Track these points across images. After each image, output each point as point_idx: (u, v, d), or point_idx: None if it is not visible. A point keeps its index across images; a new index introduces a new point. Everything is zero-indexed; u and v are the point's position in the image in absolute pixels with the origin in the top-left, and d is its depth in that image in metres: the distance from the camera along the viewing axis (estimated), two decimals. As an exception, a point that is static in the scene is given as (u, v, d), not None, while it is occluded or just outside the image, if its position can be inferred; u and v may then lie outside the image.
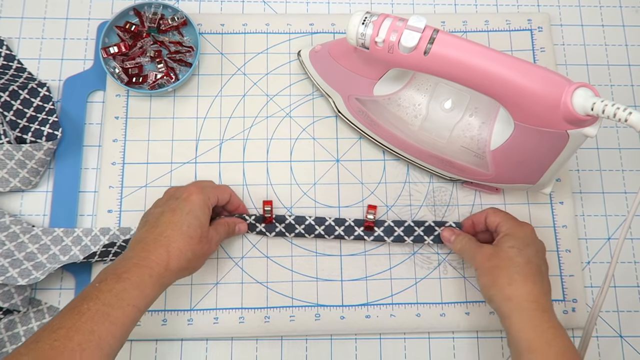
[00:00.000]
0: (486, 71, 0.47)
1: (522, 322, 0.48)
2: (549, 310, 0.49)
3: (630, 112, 0.42)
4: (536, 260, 0.52)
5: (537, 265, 0.51)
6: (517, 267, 0.50)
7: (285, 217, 0.60)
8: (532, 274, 0.50)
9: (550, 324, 0.48)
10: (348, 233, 0.60)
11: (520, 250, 0.51)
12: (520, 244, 0.52)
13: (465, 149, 0.57)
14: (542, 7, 0.70)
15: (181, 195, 0.52)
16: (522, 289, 0.49)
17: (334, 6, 0.69)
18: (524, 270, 0.50)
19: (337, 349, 0.59)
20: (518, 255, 0.51)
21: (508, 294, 0.50)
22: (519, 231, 0.53)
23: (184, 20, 0.63)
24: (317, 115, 0.65)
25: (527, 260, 0.51)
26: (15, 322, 0.58)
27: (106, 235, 0.59)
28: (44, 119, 0.62)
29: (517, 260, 0.51)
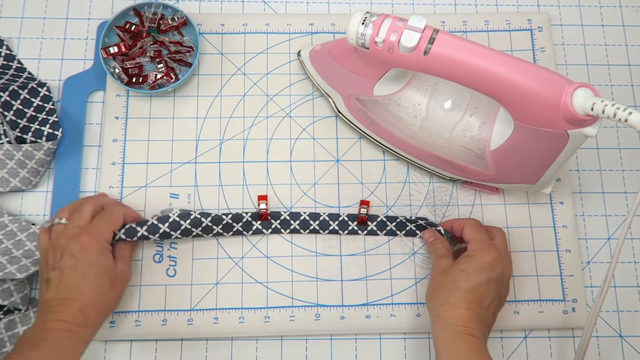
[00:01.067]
0: (486, 71, 0.47)
1: (446, 341, 0.50)
2: (477, 336, 0.49)
3: (630, 112, 0.42)
4: (483, 288, 0.51)
5: (480, 294, 0.51)
6: (456, 291, 0.51)
7: (281, 213, 0.60)
8: (470, 301, 0.51)
9: (471, 347, 0.48)
10: (342, 227, 0.60)
11: (467, 275, 0.51)
12: (472, 269, 0.52)
13: (465, 149, 0.57)
14: (542, 7, 0.70)
15: (75, 250, 0.50)
16: (453, 312, 0.50)
17: (334, 6, 0.69)
18: (463, 296, 0.51)
19: (337, 349, 0.59)
20: (464, 280, 0.51)
21: (439, 313, 0.51)
22: (479, 256, 0.53)
23: (184, 20, 0.63)
24: (317, 115, 0.65)
25: (471, 287, 0.51)
26: (15, 322, 0.58)
27: None
28: (44, 119, 0.62)
29: (461, 285, 0.51)
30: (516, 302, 0.60)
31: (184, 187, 0.62)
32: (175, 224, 0.57)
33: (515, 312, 0.59)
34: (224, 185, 0.62)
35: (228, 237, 0.60)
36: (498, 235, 0.57)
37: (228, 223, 0.59)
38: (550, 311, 0.60)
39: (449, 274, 0.53)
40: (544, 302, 0.60)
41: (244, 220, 0.60)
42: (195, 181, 0.62)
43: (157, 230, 0.56)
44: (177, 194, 0.61)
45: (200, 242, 0.60)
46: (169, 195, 0.61)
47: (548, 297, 0.60)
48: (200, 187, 0.62)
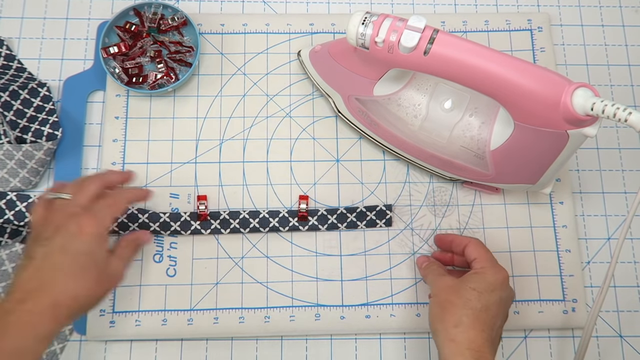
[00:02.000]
0: (486, 71, 0.47)
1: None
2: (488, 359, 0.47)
3: (630, 112, 0.42)
4: (495, 309, 0.49)
5: (493, 315, 0.49)
6: (470, 310, 0.48)
7: (220, 213, 0.60)
8: (483, 322, 0.48)
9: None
10: (282, 224, 0.60)
11: (480, 295, 0.49)
12: (484, 288, 0.50)
13: (465, 149, 0.57)
14: (542, 7, 0.70)
15: (70, 228, 0.44)
16: (467, 334, 0.47)
17: (334, 6, 0.69)
18: (476, 315, 0.48)
19: (337, 349, 0.59)
20: (476, 299, 0.49)
21: (452, 335, 0.48)
22: (490, 274, 0.51)
23: (184, 20, 0.63)
24: (317, 115, 0.65)
25: (484, 307, 0.49)
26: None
27: None
28: (44, 119, 0.62)
29: (473, 304, 0.49)
30: (516, 302, 0.60)
31: (184, 187, 0.62)
32: None
33: (515, 312, 0.59)
34: (224, 185, 0.62)
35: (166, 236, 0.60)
36: None
37: (165, 222, 0.59)
38: (550, 311, 0.60)
39: (459, 292, 0.50)
40: (544, 302, 0.60)
41: (182, 220, 0.59)
42: (195, 181, 0.62)
43: None
44: (177, 194, 0.61)
45: (201, 242, 0.60)
46: (169, 195, 0.61)
47: (548, 297, 0.60)
48: (200, 187, 0.62)
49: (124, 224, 0.58)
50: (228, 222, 0.60)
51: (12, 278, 0.44)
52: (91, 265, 0.45)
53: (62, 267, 0.43)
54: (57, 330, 0.43)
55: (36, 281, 0.43)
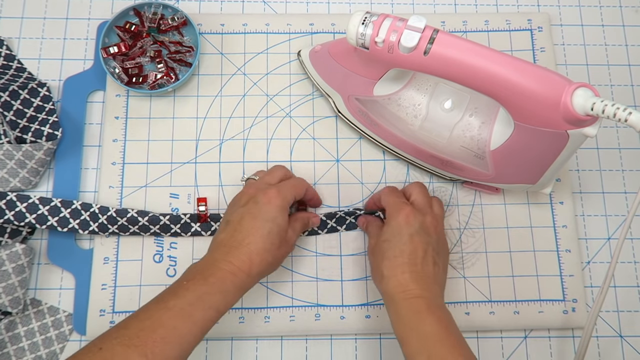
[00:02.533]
0: (486, 71, 0.47)
1: (393, 314, 0.50)
2: (422, 295, 0.49)
3: (630, 112, 0.42)
4: (408, 247, 0.51)
5: (410, 253, 0.51)
6: (386, 262, 0.52)
7: (220, 215, 0.60)
8: (401, 264, 0.51)
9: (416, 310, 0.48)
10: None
11: (390, 243, 0.52)
12: (391, 234, 0.52)
13: (465, 149, 0.57)
14: (542, 7, 0.70)
15: (261, 200, 0.52)
16: (390, 282, 0.50)
17: (334, 6, 0.69)
18: (392, 263, 0.51)
19: (337, 349, 0.59)
20: (388, 249, 0.52)
21: (382, 289, 0.52)
22: (392, 219, 0.53)
23: (184, 20, 0.63)
24: (317, 115, 0.65)
25: (398, 252, 0.51)
26: (15, 322, 0.58)
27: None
28: (44, 119, 0.62)
29: (387, 254, 0.52)
30: (516, 302, 0.60)
31: (184, 187, 0.62)
32: (112, 219, 0.58)
33: (515, 312, 0.59)
34: (224, 185, 0.62)
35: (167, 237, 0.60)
36: (414, 192, 0.56)
37: (165, 224, 0.59)
38: (550, 311, 0.60)
39: (375, 250, 0.54)
40: (544, 302, 0.60)
41: (182, 222, 0.60)
42: (195, 181, 0.62)
43: (96, 220, 0.58)
44: (177, 194, 0.61)
45: (201, 242, 0.60)
46: (169, 195, 0.61)
47: (548, 297, 0.60)
48: (200, 187, 0.62)
49: (125, 226, 0.58)
50: None
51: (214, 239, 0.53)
52: (276, 231, 0.51)
53: (254, 230, 0.50)
54: (250, 283, 0.50)
55: (234, 239, 0.50)
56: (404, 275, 0.50)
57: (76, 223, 0.58)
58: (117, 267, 0.59)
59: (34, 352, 0.57)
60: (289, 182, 0.56)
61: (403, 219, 0.53)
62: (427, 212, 0.55)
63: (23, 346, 0.57)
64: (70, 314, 0.59)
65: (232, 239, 0.50)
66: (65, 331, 0.58)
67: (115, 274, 0.59)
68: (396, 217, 0.53)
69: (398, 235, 0.52)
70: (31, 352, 0.57)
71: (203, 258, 0.51)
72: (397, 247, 0.52)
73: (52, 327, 0.58)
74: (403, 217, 0.53)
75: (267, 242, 0.50)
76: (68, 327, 0.58)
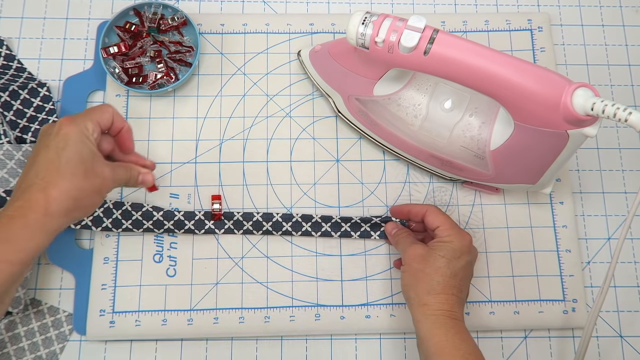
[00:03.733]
0: (486, 71, 0.47)
1: (434, 328, 0.50)
2: (459, 318, 0.51)
3: (630, 112, 0.42)
4: (462, 272, 0.53)
5: (461, 278, 0.52)
6: (441, 278, 0.52)
7: (234, 214, 0.60)
8: (452, 286, 0.52)
9: (457, 330, 0.50)
10: (295, 229, 0.60)
11: (449, 262, 0.52)
12: (452, 255, 0.52)
13: (465, 149, 0.57)
14: (542, 7, 0.70)
15: (53, 130, 0.46)
16: (439, 298, 0.51)
17: (334, 6, 0.69)
18: (447, 282, 0.52)
19: (337, 349, 0.59)
20: (446, 267, 0.52)
21: (425, 300, 0.52)
22: (456, 241, 0.53)
23: (184, 20, 0.63)
24: (317, 115, 0.65)
25: (453, 273, 0.52)
26: (15, 322, 0.58)
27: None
28: (44, 119, 0.62)
29: (444, 271, 0.52)
30: (516, 302, 0.60)
31: (184, 187, 0.62)
32: (127, 213, 0.58)
33: (515, 312, 0.59)
34: (224, 185, 0.62)
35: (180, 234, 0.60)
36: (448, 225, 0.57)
37: (180, 220, 0.59)
38: (550, 311, 0.60)
39: (428, 262, 0.53)
40: (544, 302, 0.60)
41: (196, 219, 0.60)
42: (195, 181, 0.62)
43: (110, 216, 0.58)
44: (177, 194, 0.61)
45: (200, 242, 0.60)
46: (169, 195, 0.61)
47: (548, 297, 0.60)
48: (200, 187, 0.62)
49: (139, 221, 0.59)
50: (241, 224, 0.60)
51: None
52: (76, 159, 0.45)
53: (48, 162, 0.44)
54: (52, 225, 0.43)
55: (28, 178, 0.44)
56: (452, 297, 0.51)
57: (89, 220, 0.58)
58: (117, 267, 0.59)
59: (34, 352, 0.57)
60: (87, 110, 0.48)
61: (467, 245, 0.53)
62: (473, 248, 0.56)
63: (23, 346, 0.57)
64: (70, 314, 0.59)
65: (25, 178, 0.44)
66: (65, 331, 0.58)
67: (115, 274, 0.59)
68: (460, 240, 0.53)
69: (458, 259, 0.52)
70: (31, 352, 0.57)
71: None
72: (455, 268, 0.52)
73: (52, 327, 0.58)
74: (467, 244, 0.53)
75: (65, 173, 0.44)
76: (68, 327, 0.58)
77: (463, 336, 0.50)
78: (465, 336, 0.50)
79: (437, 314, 0.51)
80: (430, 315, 0.51)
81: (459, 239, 0.53)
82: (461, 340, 0.49)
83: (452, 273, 0.52)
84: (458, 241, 0.53)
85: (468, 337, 0.50)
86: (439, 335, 0.50)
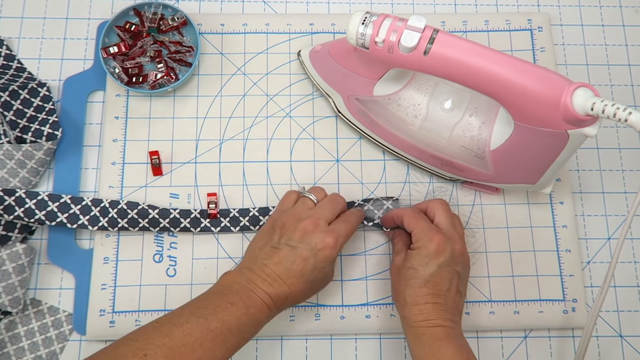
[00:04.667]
0: (486, 71, 0.47)
1: (412, 340, 0.50)
2: (443, 324, 0.50)
3: (630, 112, 0.42)
4: (435, 278, 0.51)
5: (435, 284, 0.51)
6: (410, 289, 0.51)
7: (230, 211, 0.60)
8: (425, 295, 0.50)
9: (437, 337, 0.49)
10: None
11: (416, 271, 0.51)
12: (419, 263, 0.51)
13: (465, 149, 0.57)
14: (542, 7, 0.70)
15: (315, 241, 0.51)
16: (413, 310, 0.51)
17: (334, 6, 0.69)
18: (417, 292, 0.51)
19: (337, 349, 0.59)
20: (414, 277, 0.51)
21: (402, 313, 0.52)
22: (423, 247, 0.52)
23: (184, 20, 0.64)
24: (317, 115, 0.65)
25: (422, 282, 0.51)
26: (15, 322, 0.58)
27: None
28: (44, 119, 0.62)
29: (412, 282, 0.51)
30: (516, 302, 0.60)
31: (184, 187, 0.62)
32: (122, 212, 0.58)
33: (515, 312, 0.59)
34: (224, 185, 0.62)
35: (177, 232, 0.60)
36: (438, 212, 0.55)
37: (175, 218, 0.59)
38: (550, 311, 0.60)
39: (401, 274, 0.53)
40: (544, 302, 0.60)
41: (191, 217, 0.59)
42: (195, 181, 0.62)
43: (106, 215, 0.58)
44: (177, 194, 0.61)
45: (200, 242, 0.60)
46: (169, 195, 0.61)
47: (548, 297, 0.60)
48: (200, 187, 0.62)
49: (134, 219, 0.58)
50: (238, 220, 0.60)
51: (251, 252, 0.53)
52: (319, 278, 0.52)
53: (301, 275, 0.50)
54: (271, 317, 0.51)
55: (280, 272, 0.50)
56: (427, 305, 0.50)
57: (86, 219, 0.58)
58: (117, 267, 0.59)
59: (34, 352, 0.57)
60: (346, 227, 0.53)
61: (434, 249, 0.51)
62: (456, 238, 0.53)
63: (23, 346, 0.57)
64: (70, 313, 0.59)
65: (277, 267, 0.50)
66: (65, 331, 0.58)
67: (115, 274, 0.59)
68: (427, 245, 0.51)
69: (426, 265, 0.51)
70: (31, 352, 0.57)
71: (243, 270, 0.51)
72: (423, 277, 0.51)
73: (52, 327, 0.58)
74: (434, 247, 0.51)
75: (307, 286, 0.51)
76: (68, 327, 0.58)
77: (448, 342, 0.48)
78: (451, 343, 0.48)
79: (414, 326, 0.50)
80: (409, 328, 0.51)
81: (425, 243, 0.52)
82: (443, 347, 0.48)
83: (421, 282, 0.51)
84: (425, 247, 0.52)
85: (448, 344, 0.48)
86: (418, 348, 0.49)
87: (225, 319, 0.47)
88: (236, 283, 0.50)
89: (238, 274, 0.51)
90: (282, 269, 0.50)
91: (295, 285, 0.50)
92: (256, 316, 0.48)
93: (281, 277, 0.50)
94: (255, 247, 0.53)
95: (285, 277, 0.50)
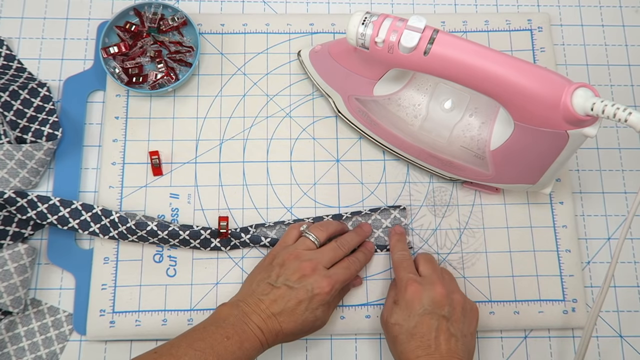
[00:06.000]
0: (486, 71, 0.47)
1: None
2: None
3: (630, 112, 0.42)
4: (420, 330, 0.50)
5: (422, 336, 0.50)
6: (401, 346, 0.50)
7: (241, 235, 0.59)
8: (416, 349, 0.49)
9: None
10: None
11: (401, 327, 0.51)
12: (402, 318, 0.51)
13: (465, 149, 0.57)
14: (542, 7, 0.70)
15: (311, 286, 0.51)
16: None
17: (334, 6, 0.69)
18: (406, 348, 0.50)
19: (337, 349, 0.59)
20: (400, 332, 0.51)
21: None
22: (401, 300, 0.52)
23: (184, 20, 0.64)
24: (317, 115, 0.65)
25: (408, 336, 0.50)
26: (15, 322, 0.58)
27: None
28: (44, 119, 0.62)
29: (400, 338, 0.51)
30: (516, 302, 0.60)
31: (184, 187, 0.62)
32: (131, 230, 0.58)
33: (515, 312, 0.59)
34: (224, 185, 0.62)
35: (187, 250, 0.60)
36: (419, 262, 0.56)
37: (185, 239, 0.58)
38: (550, 311, 0.60)
39: (387, 329, 0.53)
40: (544, 302, 0.60)
41: (201, 238, 0.59)
42: (195, 181, 0.62)
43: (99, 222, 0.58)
44: (177, 194, 0.61)
45: (200, 242, 0.60)
46: (169, 195, 0.61)
47: (548, 297, 0.60)
48: (200, 187, 0.62)
49: (144, 237, 0.58)
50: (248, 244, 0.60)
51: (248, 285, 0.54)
52: (310, 319, 0.52)
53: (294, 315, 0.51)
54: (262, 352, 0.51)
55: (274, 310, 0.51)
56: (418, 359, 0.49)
57: (75, 224, 0.58)
58: (117, 267, 0.59)
59: (34, 352, 0.57)
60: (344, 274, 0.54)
61: (410, 297, 0.51)
62: (436, 281, 0.52)
63: (23, 346, 0.57)
64: (70, 314, 0.59)
65: (272, 305, 0.51)
66: (65, 331, 0.58)
67: (115, 274, 0.59)
68: (404, 295, 0.52)
69: (408, 318, 0.51)
70: (31, 352, 0.57)
71: (239, 304, 0.51)
72: (408, 331, 0.50)
73: (52, 327, 0.58)
74: (410, 295, 0.52)
75: (297, 329, 0.51)
76: (68, 327, 0.58)
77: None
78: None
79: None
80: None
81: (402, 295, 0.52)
82: None
83: (407, 337, 0.50)
84: (403, 298, 0.52)
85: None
86: None
87: (220, 353, 0.48)
88: (232, 316, 0.50)
89: (234, 307, 0.51)
90: (276, 307, 0.51)
91: (287, 323, 0.51)
92: (249, 351, 0.49)
93: (275, 315, 0.51)
94: (253, 282, 0.54)
95: (279, 315, 0.51)
